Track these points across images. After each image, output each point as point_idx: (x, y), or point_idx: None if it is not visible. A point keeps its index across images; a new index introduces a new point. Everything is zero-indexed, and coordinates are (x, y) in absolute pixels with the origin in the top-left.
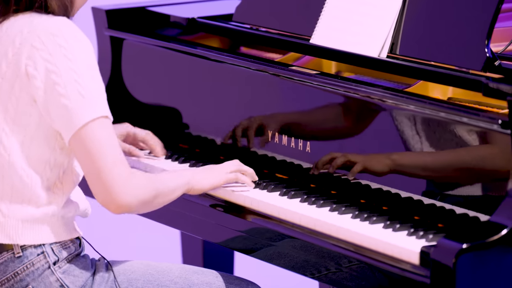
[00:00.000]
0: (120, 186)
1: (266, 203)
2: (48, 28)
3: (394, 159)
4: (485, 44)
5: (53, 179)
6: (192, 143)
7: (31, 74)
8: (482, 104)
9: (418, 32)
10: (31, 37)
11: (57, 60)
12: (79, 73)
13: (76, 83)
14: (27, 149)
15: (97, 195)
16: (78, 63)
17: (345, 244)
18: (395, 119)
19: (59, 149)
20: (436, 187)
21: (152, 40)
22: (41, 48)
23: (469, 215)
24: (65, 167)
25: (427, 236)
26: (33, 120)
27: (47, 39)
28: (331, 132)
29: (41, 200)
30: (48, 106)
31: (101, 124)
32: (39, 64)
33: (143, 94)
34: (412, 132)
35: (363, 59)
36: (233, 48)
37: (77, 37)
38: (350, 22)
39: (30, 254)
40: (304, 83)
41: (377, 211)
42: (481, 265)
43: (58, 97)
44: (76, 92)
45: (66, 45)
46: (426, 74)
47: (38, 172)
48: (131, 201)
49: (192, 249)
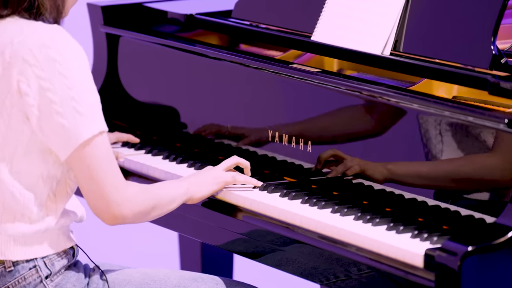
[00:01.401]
0: (116, 199)
1: (266, 204)
2: (40, 38)
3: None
4: (491, 41)
5: (46, 192)
6: (190, 142)
7: (24, 91)
8: (488, 102)
9: (422, 28)
10: (22, 50)
11: (52, 76)
12: (75, 90)
13: (73, 100)
14: (19, 164)
15: (93, 207)
16: (73, 79)
17: (347, 246)
18: (399, 118)
19: (52, 162)
20: (441, 189)
21: (149, 37)
22: (34, 63)
23: (474, 217)
24: (59, 178)
25: (432, 238)
26: (25, 136)
27: (39, 52)
28: (333, 131)
29: (34, 215)
30: (43, 124)
31: (99, 140)
32: (32, 81)
33: (140, 93)
34: (416, 131)
35: (366, 57)
36: (232, 45)
37: (70, 47)
38: (353, 19)
39: (22, 269)
40: (305, 82)
41: (380, 212)
42: (487, 268)
43: (54, 115)
44: (73, 110)
45: (60, 59)
46: (430, 72)
47: (30, 187)
48: (126, 213)
49: (191, 252)
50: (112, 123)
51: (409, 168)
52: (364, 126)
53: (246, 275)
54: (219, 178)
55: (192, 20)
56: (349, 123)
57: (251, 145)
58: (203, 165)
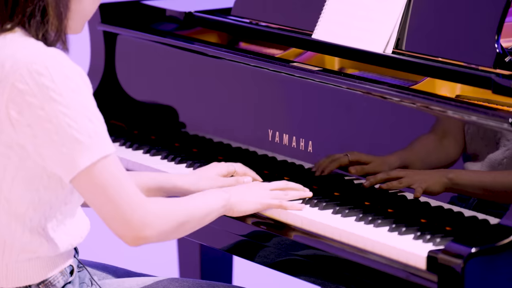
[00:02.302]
0: (134, 218)
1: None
2: (32, 64)
3: (400, 160)
4: (495, 39)
5: (37, 218)
6: (189, 142)
7: (15, 118)
8: (491, 102)
9: (425, 26)
10: (13, 75)
11: (45, 104)
12: (71, 116)
13: (70, 127)
14: (8, 192)
15: (112, 229)
16: (68, 105)
17: (349, 248)
18: (401, 117)
19: (43, 188)
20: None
21: (147, 35)
22: (25, 90)
23: (478, 218)
24: (53, 202)
25: (434, 239)
26: (12, 163)
27: (31, 79)
28: (333, 131)
29: (25, 245)
30: (41, 150)
31: (104, 164)
32: (24, 108)
33: (138, 92)
34: (418, 131)
35: (368, 55)
36: (232, 43)
37: (66, 74)
38: (354, 17)
39: None
40: (306, 80)
41: (382, 213)
42: (490, 270)
43: (51, 143)
44: (71, 138)
45: (53, 86)
46: (433, 71)
47: (19, 217)
48: (150, 233)
49: (189, 256)
50: (109, 123)
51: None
52: (366, 126)
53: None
54: (264, 198)
55: (191, 18)
56: (349, 122)
57: (251, 145)
58: (202, 165)
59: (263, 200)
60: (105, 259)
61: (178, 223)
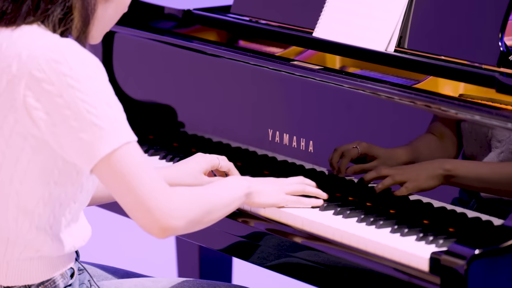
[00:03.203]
0: (162, 209)
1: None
2: (49, 53)
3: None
4: (498, 37)
5: (46, 214)
6: (187, 142)
7: (33, 106)
8: (495, 101)
9: (427, 24)
10: (30, 64)
11: (63, 91)
12: (90, 103)
13: (89, 113)
14: (19, 184)
15: (139, 221)
16: (87, 92)
17: (350, 249)
18: (403, 116)
19: (53, 183)
20: (447, 189)
21: (145, 33)
22: (42, 78)
23: (481, 219)
24: (62, 199)
25: (437, 241)
26: (24, 154)
27: (48, 67)
28: (335, 130)
29: (29, 242)
30: (60, 139)
31: (125, 151)
32: (42, 96)
33: (135, 91)
34: (421, 130)
35: (369, 54)
36: (231, 41)
37: (83, 62)
38: (355, 14)
39: None
40: (307, 79)
41: (384, 214)
42: (494, 272)
43: (71, 130)
44: (91, 124)
45: (71, 73)
46: (436, 69)
47: (28, 211)
48: (177, 223)
49: (188, 256)
50: None
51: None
52: (367, 125)
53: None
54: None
55: (189, 16)
56: (350, 122)
57: (251, 145)
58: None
59: (282, 195)
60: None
61: (203, 212)
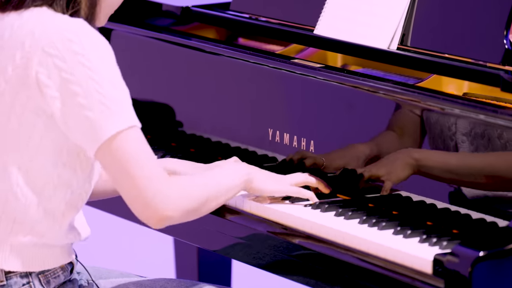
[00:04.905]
0: (160, 198)
1: (267, 207)
2: (62, 31)
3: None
4: (503, 35)
5: (56, 200)
6: (186, 142)
7: (44, 83)
8: (500, 100)
9: (431, 21)
10: (43, 41)
11: (74, 68)
12: (100, 83)
13: (98, 93)
14: (29, 161)
15: (136, 209)
16: (97, 72)
17: (352, 251)
18: (406, 116)
19: (62, 165)
20: (451, 190)
21: (143, 31)
22: (55, 54)
23: (486, 221)
24: (73, 187)
25: (441, 243)
26: (37, 131)
27: (61, 44)
28: (336, 130)
29: (35, 224)
30: (68, 118)
31: (129, 134)
32: (53, 72)
33: (133, 89)
34: (424, 130)
35: (371, 51)
36: (231, 39)
37: (95, 42)
38: (357, 11)
39: (15, 284)
40: (307, 77)
41: (387, 216)
42: (499, 275)
43: (79, 108)
44: (98, 103)
45: (83, 52)
46: (439, 68)
47: (37, 190)
48: (173, 214)
49: (187, 258)
50: None
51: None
52: (369, 124)
53: (244, 283)
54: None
55: (188, 13)
56: (352, 120)
57: (251, 144)
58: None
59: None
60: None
61: (200, 201)
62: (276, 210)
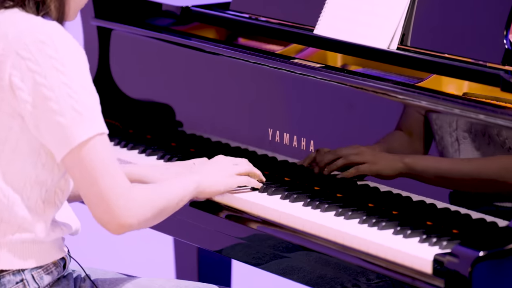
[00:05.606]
0: (122, 206)
1: (266, 207)
2: (36, 34)
3: (406, 162)
4: (503, 35)
5: (33, 198)
6: (186, 142)
7: (17, 86)
8: (500, 100)
9: (431, 21)
10: (17, 44)
11: (47, 72)
12: (72, 88)
13: (70, 98)
14: (6, 164)
15: (96, 214)
16: (70, 76)
17: (352, 251)
18: (406, 116)
19: (41, 166)
20: (450, 190)
21: (143, 31)
22: (28, 57)
23: (486, 220)
24: (48, 186)
25: (441, 243)
26: (13, 133)
27: (35, 47)
28: (336, 130)
29: (21, 221)
30: (39, 121)
31: (98, 141)
32: (26, 76)
33: (132, 89)
34: (424, 130)
35: (371, 51)
36: (231, 39)
37: (68, 46)
38: (357, 11)
39: (8, 282)
40: (307, 77)
41: (387, 215)
42: (499, 275)
43: (50, 113)
44: (70, 108)
45: (56, 56)
46: (439, 68)
47: (17, 190)
48: (133, 221)
49: (186, 258)
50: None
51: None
52: (369, 124)
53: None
54: (232, 177)
55: (188, 13)
56: (352, 121)
57: (250, 144)
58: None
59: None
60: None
61: (158, 210)
62: (276, 210)
